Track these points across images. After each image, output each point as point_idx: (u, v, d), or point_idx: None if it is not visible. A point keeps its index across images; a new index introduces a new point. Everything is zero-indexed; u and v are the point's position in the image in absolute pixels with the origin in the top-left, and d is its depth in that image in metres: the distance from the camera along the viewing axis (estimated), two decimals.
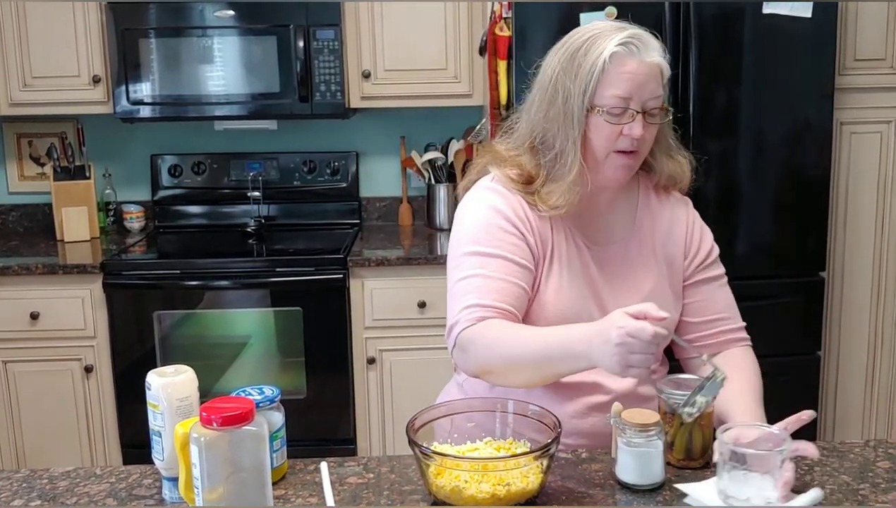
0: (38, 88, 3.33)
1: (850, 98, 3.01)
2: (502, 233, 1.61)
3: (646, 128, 1.56)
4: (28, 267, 3.11)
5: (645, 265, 1.70)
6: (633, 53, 1.54)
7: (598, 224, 1.69)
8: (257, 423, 1.26)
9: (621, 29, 1.57)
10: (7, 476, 1.52)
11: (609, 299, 1.65)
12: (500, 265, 1.58)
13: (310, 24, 3.24)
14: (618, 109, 1.55)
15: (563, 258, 1.64)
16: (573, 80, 1.56)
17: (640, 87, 1.54)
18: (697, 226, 1.78)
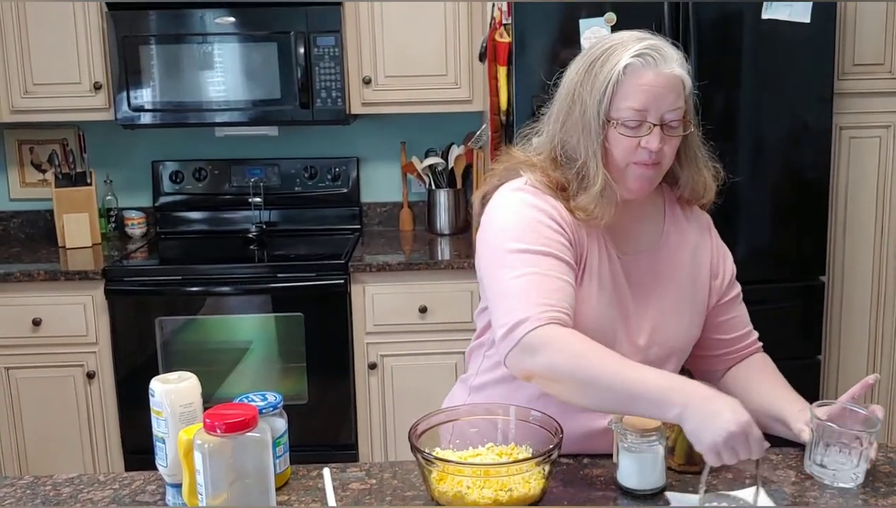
0: (40, 95, 3.35)
1: (850, 102, 3.02)
2: (549, 232, 1.54)
3: (664, 141, 1.53)
4: (30, 274, 3.12)
5: (669, 278, 1.68)
6: (650, 65, 1.51)
7: (626, 234, 1.66)
8: (260, 429, 1.27)
9: (640, 39, 1.54)
10: (11, 482, 1.53)
11: (633, 310, 1.63)
12: (553, 264, 1.51)
13: (310, 31, 3.25)
14: (633, 122, 1.52)
15: (595, 266, 1.61)
16: (590, 91, 1.54)
17: (658, 99, 1.51)
18: (720, 247, 1.77)
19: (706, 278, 1.72)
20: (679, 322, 1.66)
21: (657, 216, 1.71)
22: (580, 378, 1.41)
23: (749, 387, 1.69)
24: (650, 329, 1.63)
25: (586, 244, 1.59)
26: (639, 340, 1.62)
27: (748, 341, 1.79)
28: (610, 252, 1.62)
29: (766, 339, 2.99)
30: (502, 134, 3.01)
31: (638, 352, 1.60)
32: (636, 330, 1.62)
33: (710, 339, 1.75)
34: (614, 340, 1.57)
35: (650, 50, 1.52)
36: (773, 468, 1.52)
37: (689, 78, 1.57)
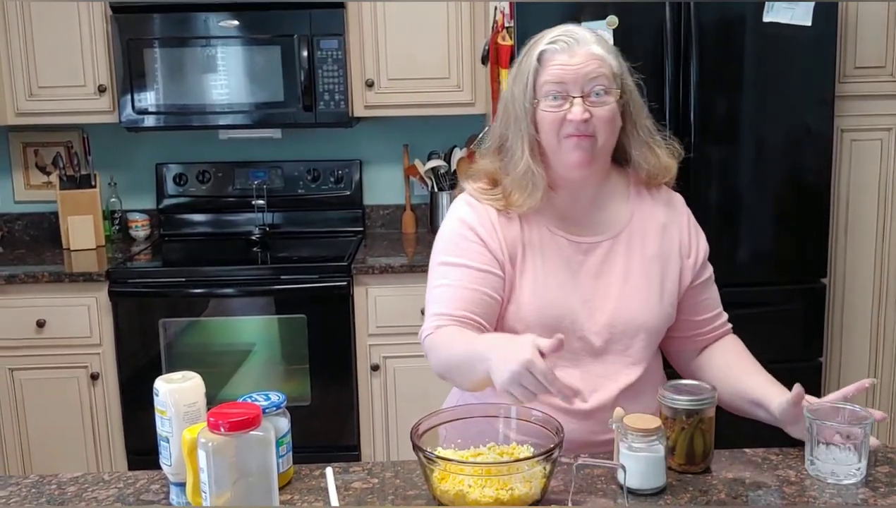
0: (44, 98, 3.36)
1: (851, 105, 3.03)
2: (466, 243, 1.68)
3: (590, 112, 1.60)
4: (34, 276, 3.13)
5: (636, 258, 1.72)
6: (563, 49, 1.62)
7: (586, 219, 1.72)
8: (264, 428, 1.28)
9: (556, 29, 1.66)
10: (16, 481, 1.54)
11: (594, 291, 1.69)
12: (463, 273, 1.65)
13: (313, 34, 3.27)
14: (555, 95, 1.61)
15: (539, 256, 1.68)
16: (517, 83, 1.66)
17: (574, 73, 1.60)
18: (693, 226, 1.81)
19: (678, 257, 1.76)
20: (647, 300, 1.70)
21: (622, 200, 1.76)
22: (450, 366, 1.59)
23: (728, 374, 1.73)
24: (613, 308, 1.68)
25: (524, 238, 1.68)
26: (600, 319, 1.67)
27: (719, 322, 1.83)
28: (559, 239, 1.69)
29: (767, 342, 2.99)
30: None
31: (602, 331, 1.67)
32: (598, 309, 1.68)
33: (682, 321, 1.79)
34: (573, 320, 1.65)
35: (563, 35, 1.64)
36: (774, 468, 1.53)
37: (615, 57, 1.66)
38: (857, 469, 1.46)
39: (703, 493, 1.45)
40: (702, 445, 1.51)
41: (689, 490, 1.45)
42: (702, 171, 2.88)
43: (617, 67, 1.65)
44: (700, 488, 1.46)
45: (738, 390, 1.68)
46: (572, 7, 2.80)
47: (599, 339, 1.67)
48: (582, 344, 1.67)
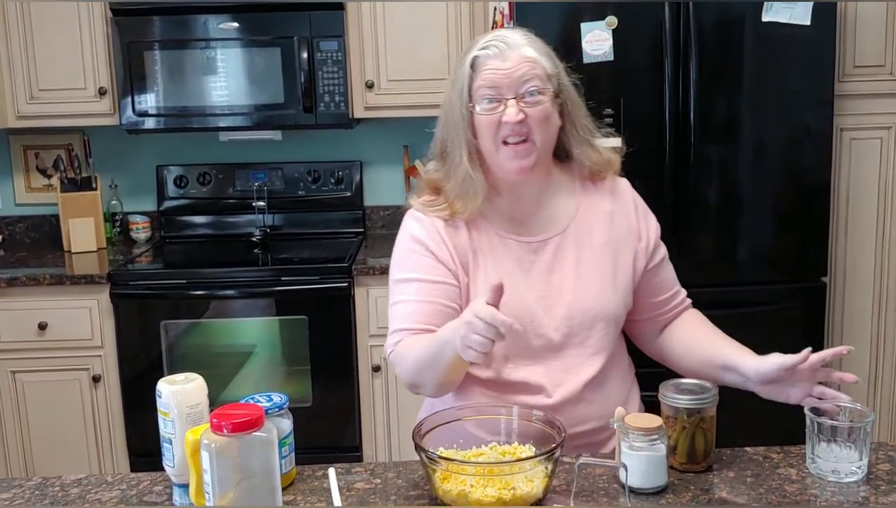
0: (45, 101, 3.37)
1: (850, 104, 3.03)
2: (417, 257, 1.72)
3: (525, 113, 1.62)
4: (36, 278, 3.14)
5: (587, 249, 1.74)
6: (495, 54, 1.64)
7: (533, 218, 1.75)
8: (267, 429, 1.28)
9: (490, 34, 1.69)
10: (20, 483, 1.54)
11: (549, 287, 1.71)
12: (417, 287, 1.70)
13: (313, 36, 3.27)
14: (489, 99, 1.64)
15: (490, 260, 1.71)
16: (453, 90, 1.69)
17: (507, 76, 1.63)
18: (640, 209, 1.83)
19: (628, 242, 1.78)
20: (601, 289, 1.72)
21: (569, 196, 1.78)
22: (414, 367, 1.63)
23: (692, 346, 1.77)
24: (569, 301, 1.70)
25: (472, 244, 1.72)
26: (558, 314, 1.70)
27: (678, 300, 1.86)
28: (509, 241, 1.72)
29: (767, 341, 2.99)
30: None
31: (560, 326, 1.69)
32: (554, 305, 1.70)
33: (642, 303, 1.81)
34: (531, 320, 1.67)
35: (494, 40, 1.66)
36: (775, 466, 1.54)
37: (549, 58, 1.69)
38: (857, 467, 1.47)
39: (704, 492, 1.45)
40: (703, 444, 1.51)
41: (690, 489, 1.46)
42: (702, 171, 2.89)
43: (551, 68, 1.67)
44: (701, 487, 1.47)
45: (705, 358, 1.73)
46: (571, 7, 2.80)
47: (558, 334, 1.70)
48: (542, 341, 1.69)
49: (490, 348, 1.42)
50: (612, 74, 2.82)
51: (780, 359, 1.57)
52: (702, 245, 2.93)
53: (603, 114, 2.83)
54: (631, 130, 2.83)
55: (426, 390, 1.69)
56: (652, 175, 2.88)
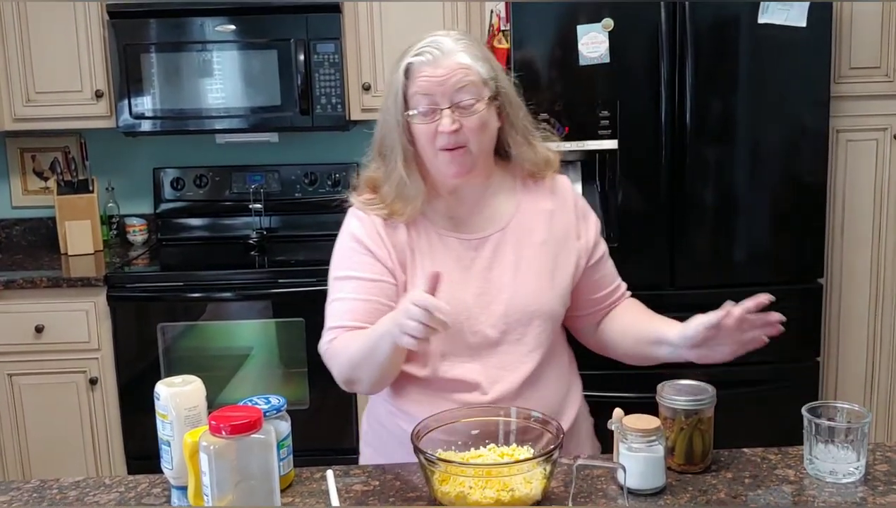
0: (42, 103, 3.37)
1: (846, 106, 3.04)
2: (355, 255, 1.74)
3: (459, 123, 1.63)
4: (32, 281, 3.14)
5: (525, 247, 1.75)
6: (428, 61, 1.64)
7: (474, 217, 1.76)
8: (265, 431, 1.28)
9: (425, 38, 1.68)
10: (18, 486, 1.54)
11: (487, 285, 1.72)
12: (355, 285, 1.72)
13: (310, 38, 3.27)
14: (425, 109, 1.64)
15: (429, 258, 1.72)
16: (388, 96, 1.70)
17: (442, 86, 1.63)
18: (580, 208, 1.84)
19: (567, 241, 1.79)
20: (539, 286, 1.73)
21: (509, 194, 1.79)
22: (354, 362, 1.66)
23: (626, 330, 1.81)
24: (507, 298, 1.71)
25: (410, 242, 1.73)
26: (496, 310, 1.71)
27: (617, 294, 1.88)
28: (448, 239, 1.74)
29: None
30: None
31: (497, 322, 1.70)
32: (493, 301, 1.71)
33: (582, 300, 1.83)
34: (467, 316, 1.69)
35: (428, 46, 1.66)
36: (773, 467, 1.54)
37: (484, 62, 1.68)
38: (855, 468, 1.47)
39: (702, 493, 1.45)
40: (701, 445, 1.51)
41: (688, 490, 1.46)
42: (698, 172, 2.89)
43: (487, 72, 1.67)
44: (699, 488, 1.47)
45: (638, 338, 1.76)
46: (567, 9, 2.81)
47: (495, 331, 1.71)
48: (478, 338, 1.71)
49: (425, 333, 1.44)
50: (608, 76, 2.82)
51: (702, 319, 1.60)
52: (698, 246, 2.93)
53: (599, 117, 2.84)
54: (627, 132, 2.86)
55: (362, 385, 1.71)
56: (648, 176, 2.89)
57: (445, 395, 1.69)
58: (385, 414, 1.81)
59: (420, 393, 1.72)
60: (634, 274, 2.91)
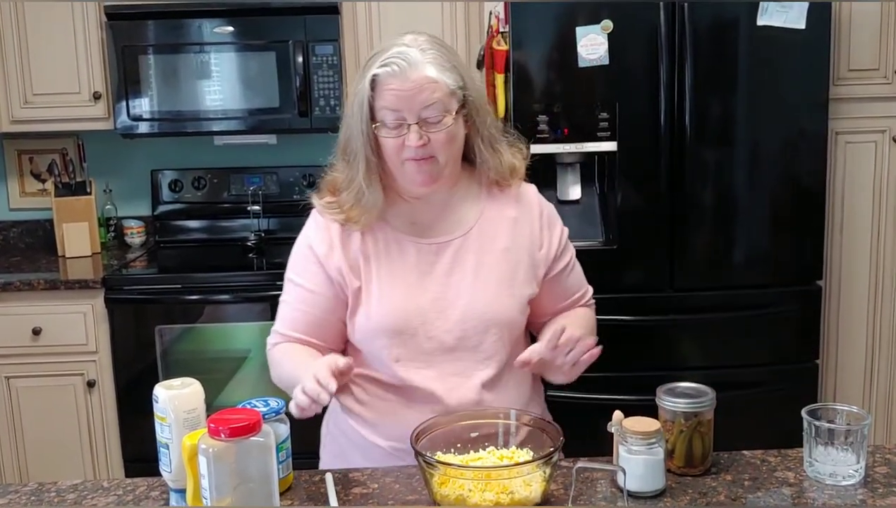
0: (39, 105, 3.36)
1: (845, 108, 3.04)
2: (305, 261, 1.77)
3: (425, 137, 1.62)
4: (30, 283, 3.13)
5: (486, 253, 1.74)
6: (395, 73, 1.61)
7: (438, 222, 1.76)
8: (264, 434, 1.28)
9: (392, 47, 1.65)
10: (16, 489, 1.54)
11: (444, 290, 1.72)
12: (299, 293, 1.77)
13: (308, 40, 3.27)
14: (393, 123, 1.63)
15: (385, 263, 1.72)
16: (353, 104, 1.68)
17: (409, 101, 1.61)
18: (546, 217, 1.83)
19: (529, 249, 1.78)
20: (497, 293, 1.72)
21: (474, 200, 1.78)
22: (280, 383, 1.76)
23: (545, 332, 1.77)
24: (464, 304, 1.70)
25: (365, 250, 1.73)
26: (452, 316, 1.70)
27: (580, 303, 1.89)
28: (407, 244, 1.73)
29: (764, 344, 3.01)
30: None
31: (454, 328, 1.70)
32: (450, 307, 1.70)
33: (545, 308, 1.83)
34: (423, 321, 1.69)
35: (395, 57, 1.63)
36: (773, 469, 1.54)
37: (452, 72, 1.65)
38: (855, 470, 1.47)
39: (702, 495, 1.45)
40: (700, 447, 1.51)
41: (688, 493, 1.46)
42: (697, 174, 2.89)
43: (455, 82, 1.65)
44: (699, 490, 1.47)
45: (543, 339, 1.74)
46: (566, 11, 2.81)
47: (451, 337, 1.70)
48: (433, 343, 1.70)
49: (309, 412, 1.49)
50: (607, 78, 2.82)
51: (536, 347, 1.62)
52: (697, 248, 2.93)
53: (599, 118, 2.84)
54: (626, 134, 2.85)
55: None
56: (647, 178, 2.88)
57: (403, 401, 1.71)
58: (344, 420, 1.81)
59: (378, 398, 1.74)
60: (634, 275, 2.95)
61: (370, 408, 1.75)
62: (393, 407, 1.72)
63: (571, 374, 1.63)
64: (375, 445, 1.73)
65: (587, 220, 2.97)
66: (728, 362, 2.94)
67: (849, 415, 1.50)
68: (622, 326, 2.90)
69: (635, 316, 2.91)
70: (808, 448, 1.50)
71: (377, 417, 1.73)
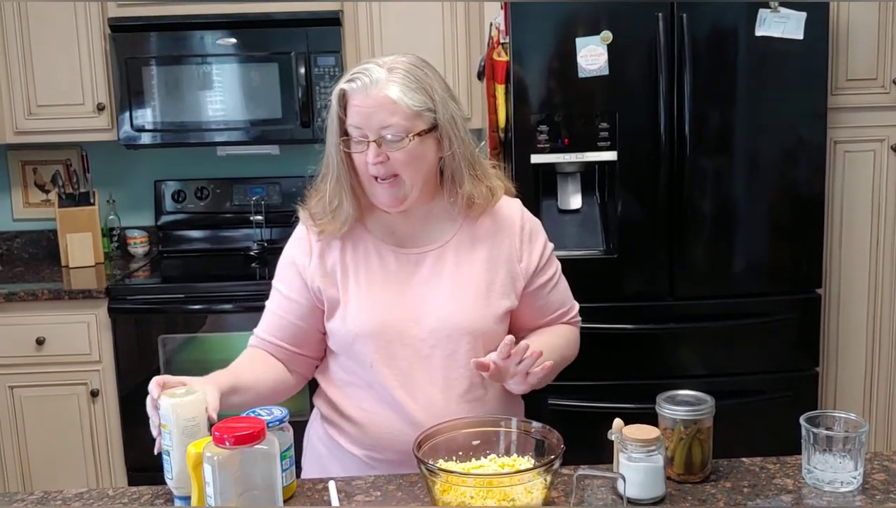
0: (43, 116, 3.38)
1: (843, 117, 3.05)
2: (287, 271, 1.83)
3: (390, 155, 1.65)
4: (34, 293, 3.15)
5: (464, 265, 1.76)
6: (359, 89, 1.64)
7: (418, 234, 1.78)
8: (268, 442, 1.29)
9: (360, 64, 1.69)
10: (22, 497, 1.55)
11: (421, 299, 1.74)
12: (280, 300, 1.82)
13: (311, 51, 3.29)
14: (357, 138, 1.67)
15: (364, 273, 1.75)
16: (329, 117, 1.72)
17: (369, 118, 1.64)
18: (527, 232, 1.83)
19: (508, 261, 1.79)
20: (473, 304, 1.73)
21: (454, 212, 1.78)
22: None
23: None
24: (440, 313, 1.72)
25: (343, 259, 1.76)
26: (427, 325, 1.72)
27: (563, 320, 1.89)
28: (386, 254, 1.76)
29: (764, 352, 3.02)
30: (501, 151, 3.05)
31: (428, 337, 1.72)
32: (426, 316, 1.72)
33: (526, 321, 1.84)
34: (398, 330, 1.71)
35: (359, 74, 1.66)
36: (771, 476, 1.55)
37: (419, 92, 1.65)
38: (853, 477, 1.48)
39: (701, 502, 1.46)
40: (700, 454, 1.52)
41: (687, 500, 1.47)
42: (697, 183, 2.90)
43: (422, 104, 1.65)
44: (699, 497, 1.48)
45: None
46: (566, 22, 2.82)
47: (426, 346, 1.72)
48: (408, 351, 1.72)
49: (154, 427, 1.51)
50: (607, 88, 2.84)
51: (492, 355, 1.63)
52: (697, 256, 2.94)
53: (599, 128, 2.86)
54: (626, 143, 2.87)
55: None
56: (647, 187, 2.90)
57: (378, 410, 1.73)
58: (322, 429, 1.84)
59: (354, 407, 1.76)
60: (634, 284, 2.96)
61: (346, 418, 1.77)
62: (368, 416, 1.74)
63: (527, 383, 1.64)
64: (351, 454, 1.75)
65: (588, 229, 2.98)
66: (727, 370, 2.95)
67: (847, 422, 1.52)
68: (622, 334, 2.91)
69: (635, 325, 2.93)
70: (807, 456, 1.51)
71: (352, 427, 1.76)
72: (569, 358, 1.88)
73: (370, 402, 1.74)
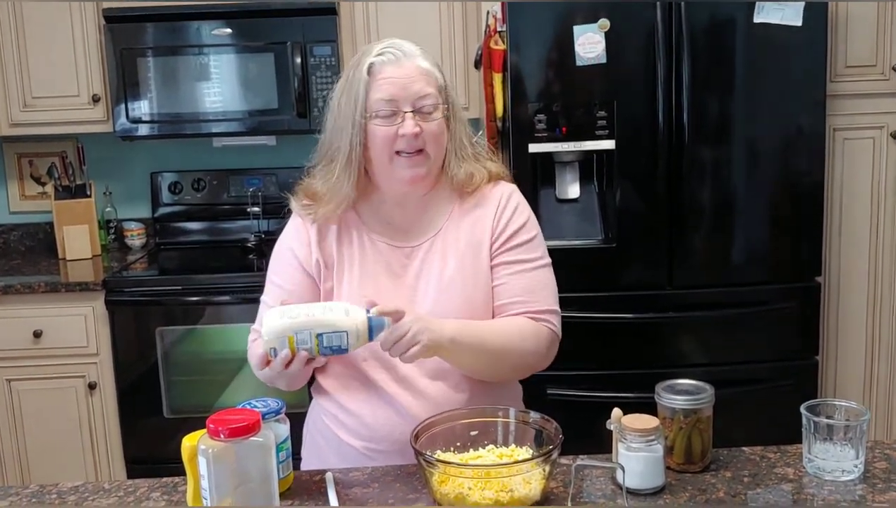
0: (39, 109, 3.37)
1: (843, 104, 3.04)
2: (280, 260, 1.82)
3: (421, 127, 1.65)
4: (30, 286, 3.13)
5: (452, 251, 1.75)
6: (391, 61, 1.66)
7: (412, 226, 1.77)
8: (264, 434, 1.28)
9: (384, 42, 1.70)
10: (17, 491, 1.54)
11: (414, 290, 1.73)
12: (276, 293, 1.78)
13: (307, 41, 3.28)
14: (386, 112, 1.65)
15: (358, 264, 1.75)
16: (345, 95, 1.69)
17: (404, 89, 1.65)
18: (510, 207, 1.79)
19: (487, 241, 1.77)
20: (463, 289, 1.73)
21: (446, 202, 1.78)
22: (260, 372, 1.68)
23: None
24: (431, 305, 1.70)
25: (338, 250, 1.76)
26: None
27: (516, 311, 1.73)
28: (380, 246, 1.75)
29: (764, 341, 3.02)
30: (498, 140, 3.04)
31: None
32: (419, 308, 1.68)
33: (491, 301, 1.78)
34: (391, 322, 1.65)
35: (389, 48, 1.68)
36: (772, 466, 1.54)
37: (440, 71, 1.72)
38: (854, 466, 1.47)
39: (701, 492, 1.45)
40: (700, 444, 1.52)
41: (687, 490, 1.46)
42: (695, 172, 2.90)
43: (442, 81, 1.70)
44: (699, 487, 1.47)
45: None
46: (564, 10, 2.81)
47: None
48: None
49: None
50: (604, 77, 2.83)
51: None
52: (696, 245, 2.94)
53: (597, 117, 2.85)
54: (624, 132, 2.86)
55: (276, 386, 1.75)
56: (646, 176, 2.89)
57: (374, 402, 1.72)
58: (321, 420, 1.82)
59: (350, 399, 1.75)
60: (633, 273, 2.95)
61: (343, 410, 1.76)
62: (365, 409, 1.73)
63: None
64: (350, 446, 1.74)
65: (586, 219, 2.98)
66: (727, 359, 2.95)
67: (848, 411, 1.51)
68: (621, 324, 2.91)
69: (634, 314, 2.92)
70: (808, 444, 1.50)
71: (349, 418, 1.74)
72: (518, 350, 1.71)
73: (366, 395, 1.73)
